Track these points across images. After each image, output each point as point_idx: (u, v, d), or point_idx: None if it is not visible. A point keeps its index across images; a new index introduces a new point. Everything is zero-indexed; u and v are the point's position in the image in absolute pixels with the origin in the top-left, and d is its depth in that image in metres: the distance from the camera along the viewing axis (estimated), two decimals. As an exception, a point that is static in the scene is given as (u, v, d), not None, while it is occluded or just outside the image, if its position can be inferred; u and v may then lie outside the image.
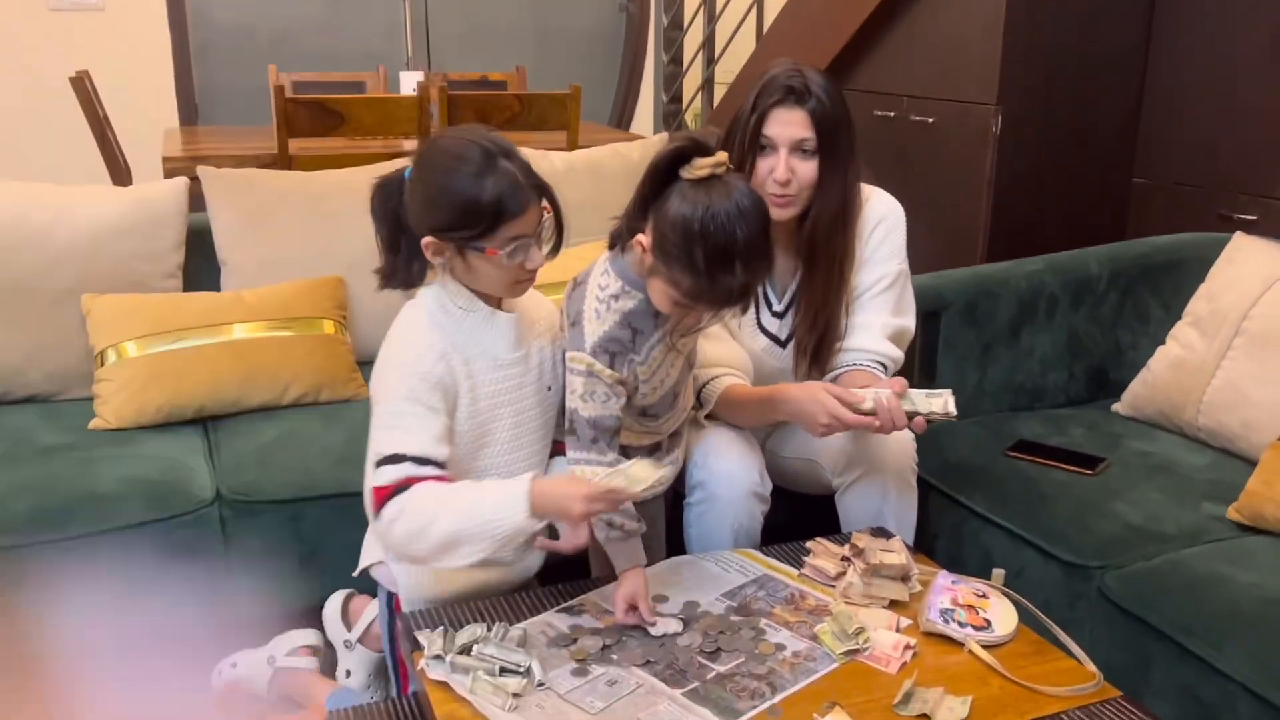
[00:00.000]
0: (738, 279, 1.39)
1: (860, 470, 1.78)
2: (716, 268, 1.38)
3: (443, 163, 1.40)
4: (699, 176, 1.39)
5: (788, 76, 1.70)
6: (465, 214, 1.37)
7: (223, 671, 1.91)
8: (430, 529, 1.36)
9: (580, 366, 1.49)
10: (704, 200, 1.38)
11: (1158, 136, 3.06)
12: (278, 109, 3.02)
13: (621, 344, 1.49)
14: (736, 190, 1.40)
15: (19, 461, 1.87)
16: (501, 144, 1.40)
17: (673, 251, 1.39)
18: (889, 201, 1.87)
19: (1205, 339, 2.06)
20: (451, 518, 1.37)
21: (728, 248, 1.37)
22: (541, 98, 3.33)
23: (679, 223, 1.38)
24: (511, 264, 1.41)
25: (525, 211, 1.38)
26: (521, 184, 1.38)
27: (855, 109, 3.62)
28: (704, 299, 1.42)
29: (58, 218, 2.16)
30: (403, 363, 1.45)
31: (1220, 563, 1.62)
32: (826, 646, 1.39)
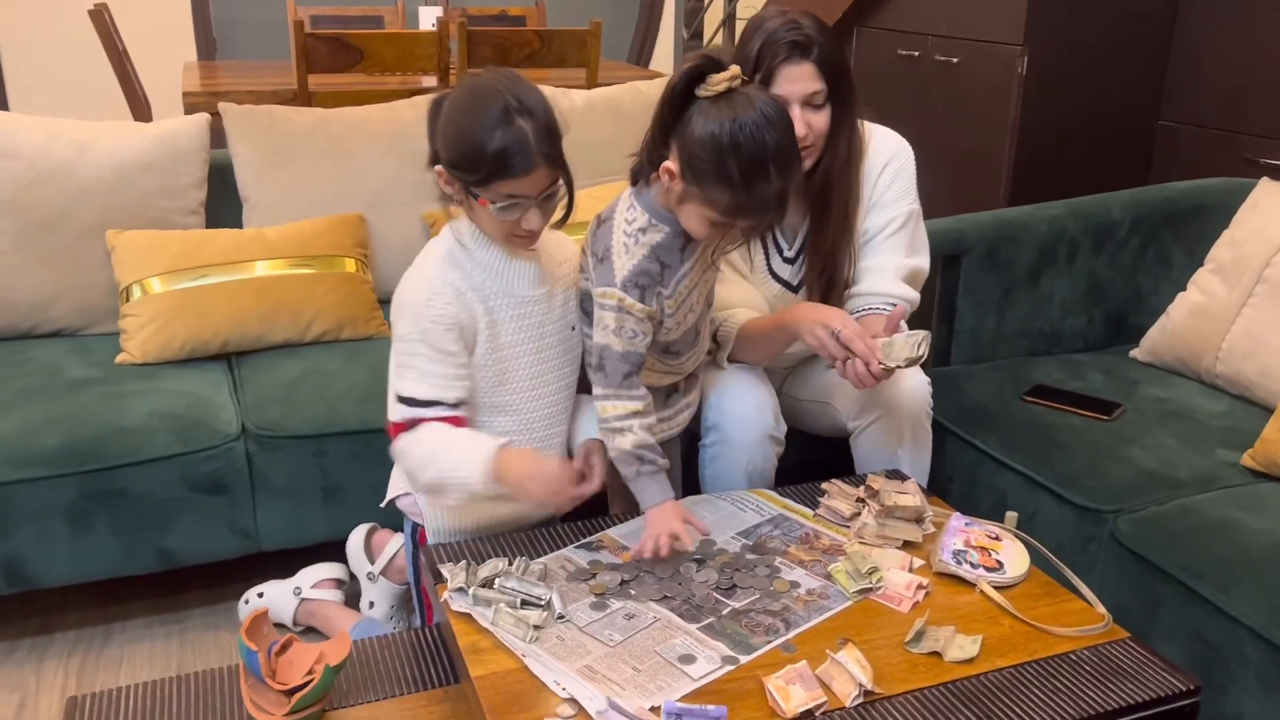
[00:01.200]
0: (774, 185, 1.39)
1: (876, 414, 1.79)
2: (753, 177, 1.38)
3: (466, 102, 1.41)
4: (718, 92, 1.39)
5: (788, 30, 1.66)
6: (468, 158, 1.39)
7: (249, 600, 1.97)
8: (421, 474, 1.48)
9: (611, 301, 1.50)
10: (729, 113, 1.37)
11: (1185, 79, 3.01)
12: (297, 45, 3.00)
13: (651, 277, 1.50)
14: (759, 99, 1.40)
15: (50, 395, 1.91)
16: (528, 102, 1.39)
17: (706, 169, 1.39)
18: (895, 140, 1.84)
19: (1227, 286, 2.05)
20: (436, 469, 1.47)
21: (760, 155, 1.37)
22: (561, 34, 3.30)
23: (708, 140, 1.38)
24: (505, 220, 1.42)
25: (528, 173, 1.38)
26: (530, 146, 1.37)
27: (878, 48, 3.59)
28: (744, 212, 1.42)
29: (81, 154, 2.17)
30: (418, 302, 1.47)
31: (1232, 508, 1.64)
32: (840, 585, 1.42)
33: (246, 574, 2.04)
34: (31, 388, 1.94)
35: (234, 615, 2.00)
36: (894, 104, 3.38)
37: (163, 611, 2.03)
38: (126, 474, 1.81)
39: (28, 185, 2.12)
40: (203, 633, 1.97)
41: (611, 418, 1.52)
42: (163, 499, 1.84)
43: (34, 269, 2.13)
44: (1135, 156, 3.11)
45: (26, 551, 1.79)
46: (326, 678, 1.28)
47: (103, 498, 1.80)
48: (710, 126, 1.38)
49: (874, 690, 1.21)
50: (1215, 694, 1.50)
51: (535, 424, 1.59)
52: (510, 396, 1.56)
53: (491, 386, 1.54)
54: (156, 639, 1.95)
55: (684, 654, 1.27)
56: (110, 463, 1.80)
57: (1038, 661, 1.28)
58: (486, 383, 1.53)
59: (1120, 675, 1.26)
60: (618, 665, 1.25)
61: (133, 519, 1.83)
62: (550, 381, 1.59)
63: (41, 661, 1.89)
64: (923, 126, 3.24)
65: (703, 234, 1.47)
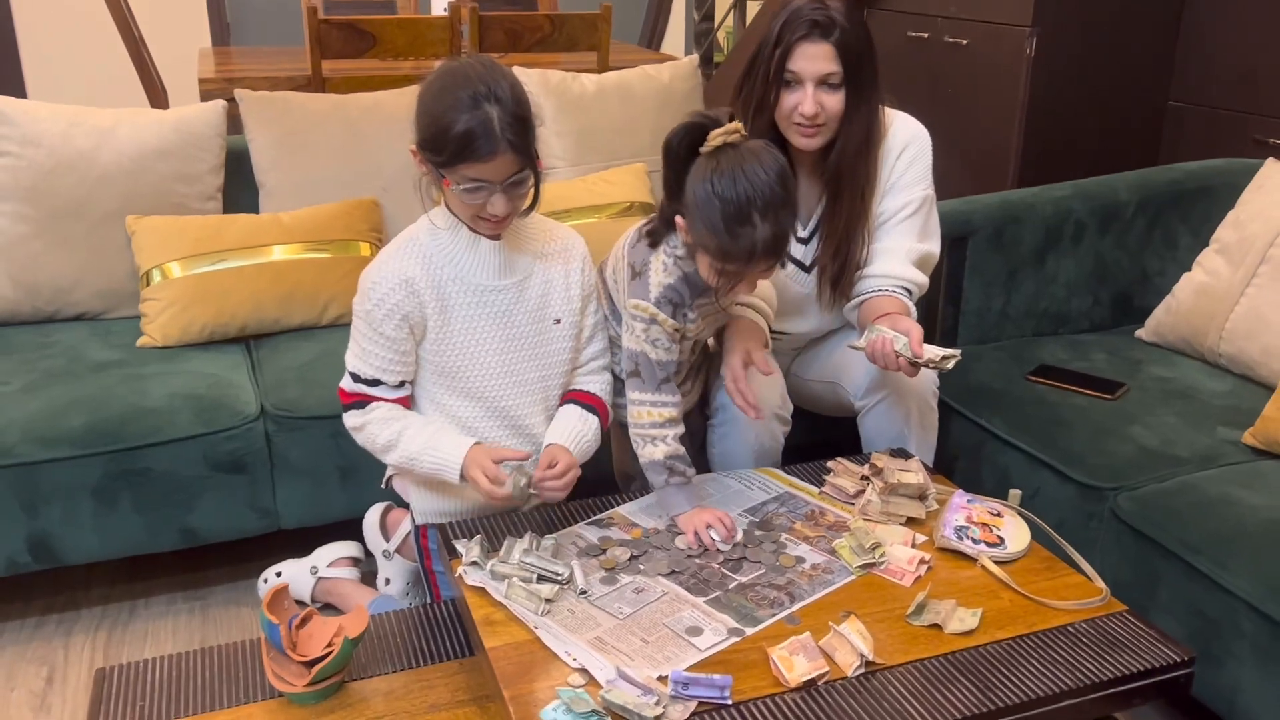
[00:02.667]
0: (759, 231, 1.43)
1: (883, 394, 1.82)
2: (735, 222, 1.43)
3: (439, 85, 1.45)
4: (713, 147, 1.45)
5: (811, 9, 1.70)
6: (435, 139, 1.43)
7: (268, 579, 2.01)
8: (387, 453, 1.59)
9: (644, 315, 1.56)
10: (715, 165, 1.44)
11: (1195, 60, 3.01)
12: (311, 31, 3.03)
13: (682, 297, 1.57)
14: (747, 150, 1.45)
15: (73, 377, 1.96)
16: (498, 89, 1.42)
17: (697, 218, 1.46)
18: (914, 126, 1.87)
19: (1231, 266, 2.07)
20: (404, 452, 1.57)
21: (742, 202, 1.42)
22: (572, 18, 3.32)
23: (697, 191, 1.45)
24: (468, 203, 1.46)
25: (492, 158, 1.42)
26: (495, 131, 1.40)
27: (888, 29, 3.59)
28: (732, 257, 1.46)
29: (101, 141, 2.21)
30: (367, 285, 1.54)
31: (1232, 485, 1.66)
32: (844, 560, 1.45)
33: (267, 551, 2.09)
34: (56, 370, 1.99)
35: (255, 592, 2.05)
36: (904, 85, 3.38)
37: (186, 588, 2.08)
38: (149, 454, 1.85)
39: (49, 172, 2.17)
40: (225, 608, 2.02)
41: (646, 424, 1.57)
42: (185, 478, 1.89)
43: (56, 254, 2.18)
44: (1144, 137, 3.12)
45: (54, 529, 1.84)
46: (345, 650, 1.32)
47: (127, 477, 1.85)
48: (702, 179, 1.44)
49: (875, 661, 1.25)
50: (1212, 666, 1.53)
51: (509, 411, 1.63)
52: (480, 383, 1.60)
53: (451, 372, 1.59)
54: (180, 614, 2.01)
55: (691, 626, 1.31)
56: (134, 443, 1.84)
57: (1036, 634, 1.32)
58: (443, 368, 1.58)
59: (1116, 646, 1.29)
60: (627, 637, 1.29)
61: (156, 498, 1.88)
62: (527, 370, 1.63)
63: (69, 636, 1.94)
64: (932, 108, 3.25)
65: (712, 281, 1.52)
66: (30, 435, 1.81)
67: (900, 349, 1.62)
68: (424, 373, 1.61)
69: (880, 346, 1.64)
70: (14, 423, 1.82)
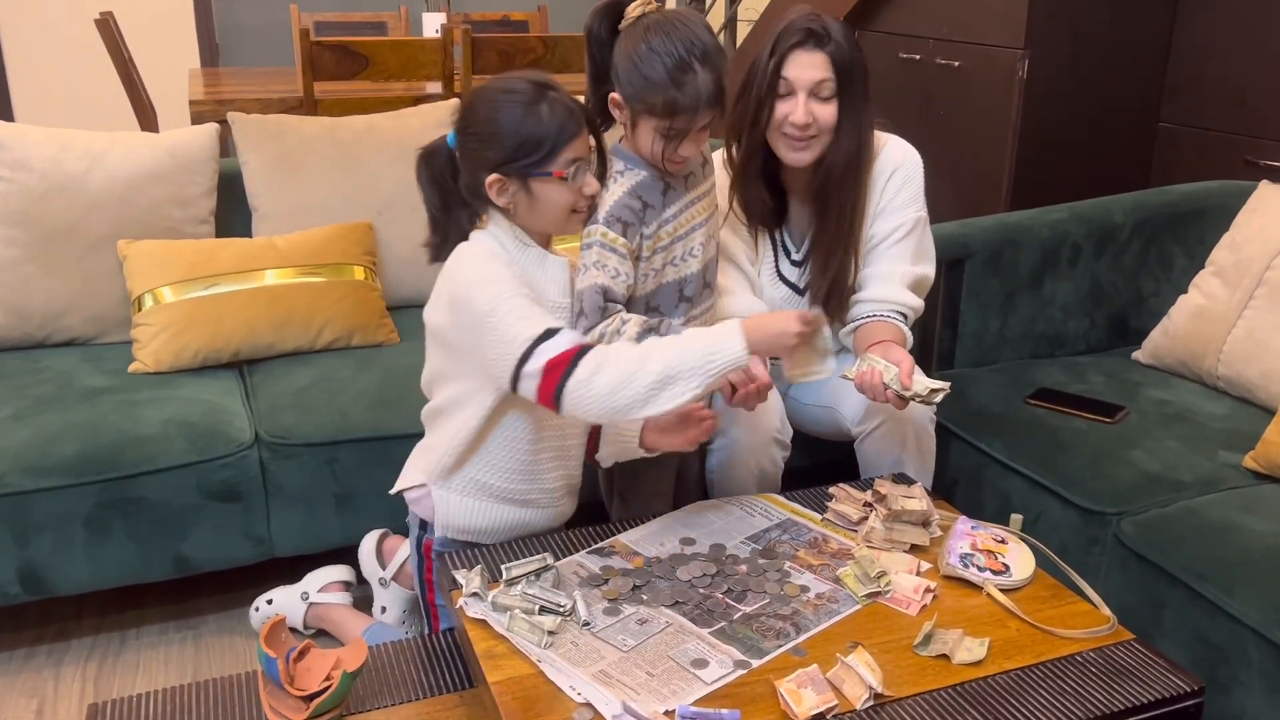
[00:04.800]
0: (701, 76, 1.49)
1: (879, 420, 1.81)
2: (679, 72, 1.48)
3: (495, 101, 1.44)
4: (634, 17, 1.52)
5: (807, 20, 1.73)
6: (528, 141, 1.42)
7: (259, 608, 1.99)
8: (640, 372, 1.36)
9: (595, 238, 1.57)
10: (644, 28, 1.51)
11: (1186, 81, 3.03)
12: (303, 53, 3.03)
13: (633, 213, 1.58)
14: (667, 12, 1.51)
15: (65, 404, 1.93)
16: (545, 78, 1.47)
17: (636, 80, 1.50)
18: (905, 148, 1.87)
19: (1228, 288, 2.07)
20: (663, 358, 1.37)
21: (681, 53, 1.48)
22: (565, 40, 3.32)
23: (630, 53, 1.50)
24: (574, 186, 1.46)
25: (579, 135, 1.45)
26: (572, 109, 1.45)
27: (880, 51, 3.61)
28: (679, 108, 1.50)
29: (93, 165, 2.19)
30: (495, 275, 1.44)
31: (1234, 510, 1.66)
32: (849, 589, 1.44)
33: (260, 580, 2.06)
34: (47, 396, 1.96)
35: (248, 621, 2.02)
36: (896, 107, 3.39)
37: (178, 617, 2.05)
38: (143, 482, 1.83)
39: (41, 196, 2.15)
40: (217, 637, 1.99)
41: (602, 332, 1.57)
42: (178, 506, 1.86)
43: (47, 279, 2.16)
44: (1136, 159, 3.13)
45: (45, 559, 1.82)
46: (344, 684, 1.30)
47: (119, 505, 1.83)
48: (632, 44, 1.50)
49: (884, 693, 1.23)
50: (1219, 694, 1.52)
51: (564, 433, 1.61)
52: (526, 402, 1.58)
53: None
54: (172, 644, 1.98)
55: (696, 658, 1.29)
56: (127, 471, 1.82)
57: (1044, 663, 1.30)
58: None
59: (1125, 676, 1.28)
60: (631, 670, 1.27)
61: (149, 526, 1.85)
62: None
63: (59, 667, 1.91)
64: (924, 130, 3.26)
65: (659, 150, 1.55)
66: (21, 464, 1.78)
67: (889, 381, 1.62)
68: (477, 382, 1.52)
69: (870, 378, 1.64)
70: (4, 451, 1.80)
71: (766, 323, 1.43)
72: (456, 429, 1.53)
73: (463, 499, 1.57)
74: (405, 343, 2.26)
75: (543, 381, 1.38)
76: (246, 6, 5.18)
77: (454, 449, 1.54)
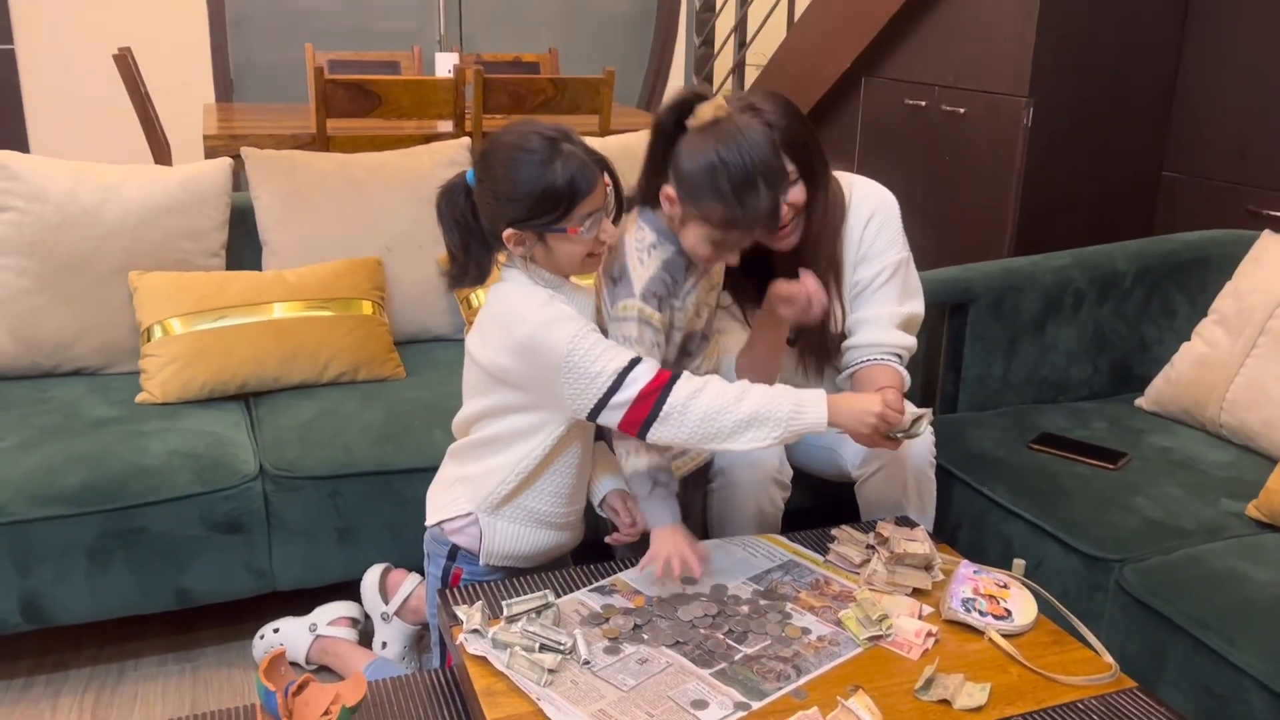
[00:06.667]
0: (763, 197, 1.48)
1: (880, 463, 1.82)
2: (743, 190, 1.47)
3: (510, 157, 1.45)
4: (705, 121, 1.48)
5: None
6: (543, 200, 1.43)
7: (264, 635, 1.98)
8: (735, 407, 1.45)
9: (632, 313, 1.55)
10: (715, 136, 1.48)
11: (1188, 131, 3.06)
12: (317, 90, 3.07)
13: (666, 287, 1.57)
14: (743, 124, 1.50)
15: (71, 434, 1.94)
16: (559, 128, 1.47)
17: (699, 188, 1.48)
18: (877, 191, 1.86)
19: (1230, 337, 2.08)
20: (757, 400, 1.46)
21: (748, 169, 1.46)
22: (575, 82, 3.37)
23: (699, 161, 1.47)
24: (589, 238, 1.48)
25: (595, 188, 1.46)
26: (587, 162, 1.45)
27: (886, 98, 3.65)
28: (738, 224, 1.50)
29: (107, 197, 2.22)
30: (563, 314, 1.48)
31: (1237, 559, 1.66)
32: (851, 632, 1.44)
33: (260, 613, 2.06)
34: (53, 426, 1.97)
35: (247, 654, 2.02)
36: (901, 154, 3.43)
37: (176, 649, 2.05)
38: (146, 513, 1.83)
39: (55, 227, 2.17)
40: (216, 670, 1.99)
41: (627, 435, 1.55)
42: (181, 538, 1.86)
43: (58, 309, 2.18)
44: (1139, 206, 3.16)
45: (46, 589, 1.82)
46: (343, 718, 1.30)
47: (122, 536, 1.83)
48: (701, 148, 1.48)
49: (884, 737, 1.22)
50: (1222, 744, 1.51)
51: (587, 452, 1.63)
52: (590, 430, 1.61)
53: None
54: (170, 676, 1.97)
55: (696, 699, 1.29)
56: (131, 501, 1.82)
57: (1046, 710, 1.30)
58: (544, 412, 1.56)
59: (1127, 725, 1.28)
60: (631, 710, 1.27)
61: (151, 557, 1.86)
62: None
63: (57, 698, 1.90)
64: (929, 175, 3.29)
65: (704, 253, 1.55)
66: (25, 493, 1.79)
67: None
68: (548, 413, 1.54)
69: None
70: (9, 480, 1.80)
71: (853, 401, 1.50)
72: (519, 458, 1.55)
73: (510, 525, 1.59)
74: (411, 377, 2.27)
75: (633, 408, 1.45)
76: (261, 44, 5.25)
77: (514, 477, 1.56)
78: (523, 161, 1.44)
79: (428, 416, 2.05)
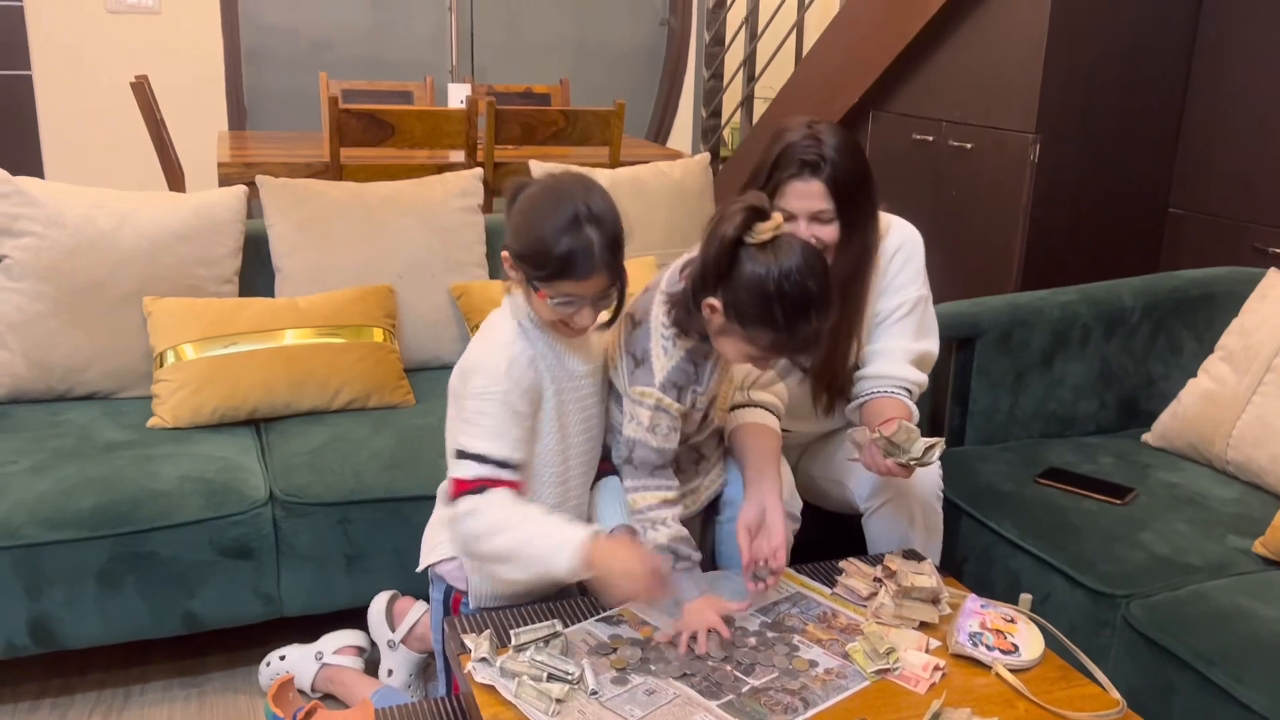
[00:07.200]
0: (813, 327, 1.47)
1: (887, 496, 1.82)
2: (795, 321, 1.45)
3: (542, 202, 1.47)
4: (764, 240, 1.46)
5: (804, 147, 1.71)
6: (535, 254, 1.45)
7: (270, 662, 1.99)
8: (493, 538, 1.46)
9: (649, 401, 1.56)
10: (773, 261, 1.45)
11: (1194, 168, 3.08)
12: (331, 119, 3.10)
13: (688, 376, 1.57)
14: (800, 247, 1.47)
15: (83, 457, 1.96)
16: (598, 210, 1.46)
17: (751, 312, 1.46)
18: (907, 229, 1.90)
19: (1237, 373, 2.09)
20: (512, 538, 1.46)
21: (804, 301, 1.45)
22: (586, 114, 3.40)
23: (755, 286, 1.45)
24: (559, 314, 1.49)
25: (587, 278, 1.45)
26: (594, 254, 1.44)
27: (893, 132, 3.68)
28: (784, 350, 1.50)
29: (123, 223, 2.24)
30: (495, 365, 1.51)
31: (1244, 596, 1.66)
32: (858, 665, 1.44)
33: (266, 638, 2.06)
34: (66, 449, 1.99)
35: (253, 679, 2.02)
36: (908, 188, 3.46)
37: (183, 674, 2.05)
38: (157, 537, 1.84)
39: (70, 252, 2.20)
40: (221, 695, 1.99)
41: (645, 508, 1.57)
42: (190, 562, 1.87)
43: (72, 333, 2.20)
44: (1145, 242, 3.17)
45: (56, 612, 1.82)
46: (352, 745, 1.30)
47: (132, 560, 1.84)
48: (758, 272, 1.45)
49: (891, 771, 1.23)
50: (1229, 783, 1.51)
51: (578, 495, 1.64)
52: (566, 467, 1.61)
53: (552, 458, 1.58)
54: (176, 701, 1.97)
55: (704, 730, 1.29)
56: (142, 526, 1.83)
57: (1053, 746, 1.30)
58: (548, 454, 1.58)
59: (1135, 762, 1.28)
60: (639, 740, 1.27)
61: (160, 582, 1.86)
62: (593, 453, 1.65)
63: (62, 722, 1.91)
64: (936, 210, 3.32)
65: (739, 362, 1.55)
66: (37, 516, 1.80)
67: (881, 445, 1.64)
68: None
69: (873, 452, 1.66)
70: (21, 503, 1.81)
71: (618, 555, 1.43)
72: None
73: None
74: (421, 405, 2.28)
75: (453, 486, 1.50)
76: (276, 72, 5.30)
77: None
78: (543, 212, 1.45)
79: (438, 444, 2.05)
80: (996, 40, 3.12)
